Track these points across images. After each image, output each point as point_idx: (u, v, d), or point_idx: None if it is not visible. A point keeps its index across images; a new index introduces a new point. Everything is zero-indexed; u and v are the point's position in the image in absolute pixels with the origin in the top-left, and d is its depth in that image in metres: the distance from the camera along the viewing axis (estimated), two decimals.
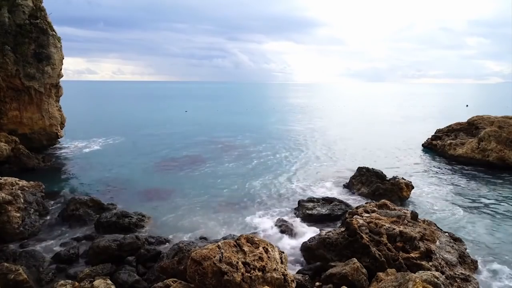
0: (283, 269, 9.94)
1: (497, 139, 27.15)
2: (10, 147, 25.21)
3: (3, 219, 14.37)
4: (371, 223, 12.99)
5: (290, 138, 40.70)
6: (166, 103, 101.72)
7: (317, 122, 57.28)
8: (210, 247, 9.71)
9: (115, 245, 13.12)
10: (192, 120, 58.23)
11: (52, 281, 11.70)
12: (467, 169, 26.53)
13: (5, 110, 27.48)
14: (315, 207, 17.60)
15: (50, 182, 21.92)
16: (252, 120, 58.82)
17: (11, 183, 16.53)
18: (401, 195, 19.70)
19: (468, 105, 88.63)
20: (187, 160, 29.52)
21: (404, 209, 15.42)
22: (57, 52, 29.08)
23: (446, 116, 61.07)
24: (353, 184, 21.79)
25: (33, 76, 27.52)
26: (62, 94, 32.19)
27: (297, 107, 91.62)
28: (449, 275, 11.13)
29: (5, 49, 26.09)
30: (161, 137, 40.54)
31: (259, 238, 10.73)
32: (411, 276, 9.03)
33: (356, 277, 10.70)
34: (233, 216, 17.70)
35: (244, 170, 26.52)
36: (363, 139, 40.10)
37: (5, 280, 10.74)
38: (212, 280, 9.05)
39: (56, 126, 30.60)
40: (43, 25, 27.99)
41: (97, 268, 12.12)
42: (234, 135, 42.27)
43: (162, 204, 19.23)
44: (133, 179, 23.69)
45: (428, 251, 11.84)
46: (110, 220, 15.84)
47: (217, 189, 21.84)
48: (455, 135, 32.53)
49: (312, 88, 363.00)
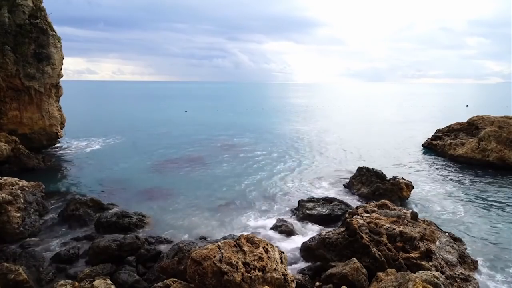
0: (283, 269, 9.94)
1: (497, 139, 27.15)
2: (10, 147, 25.21)
3: (3, 219, 14.37)
4: (371, 223, 12.99)
5: (290, 138, 40.70)
6: (166, 103, 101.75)
7: (317, 122, 57.29)
8: (210, 247, 9.71)
9: (115, 245, 13.11)
10: (192, 120, 58.24)
11: (52, 281, 11.70)
12: (467, 169, 26.53)
13: (5, 110, 27.49)
14: (315, 207, 17.60)
15: (50, 182, 21.94)
16: (252, 120, 58.83)
17: (11, 183, 16.53)
18: (401, 195, 19.70)
19: (468, 105, 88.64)
20: (187, 160, 29.52)
21: (404, 209, 15.42)
22: (57, 52, 29.09)
23: (446, 116, 61.09)
24: (353, 184, 21.79)
25: (33, 76, 27.52)
26: (62, 94, 32.20)
27: (297, 107, 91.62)
28: (449, 275, 11.13)
29: (5, 49, 26.10)
30: (161, 137, 40.55)
31: (259, 238, 10.73)
32: (411, 276, 9.03)
33: (356, 277, 10.70)
34: (233, 216, 17.70)
35: (244, 170, 26.52)
36: (363, 139, 40.11)
37: (5, 280, 10.74)
38: (212, 280, 9.05)
39: (56, 126, 30.60)
40: (43, 25, 28.00)
41: (97, 268, 12.12)
42: (234, 135, 42.28)
43: (162, 204, 19.23)
44: (133, 179, 23.69)
45: (428, 251, 11.84)
46: (110, 220, 15.84)
47: (217, 189, 21.84)
48: (455, 135, 32.54)
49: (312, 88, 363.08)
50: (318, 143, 37.87)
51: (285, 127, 51.02)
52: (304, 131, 46.88)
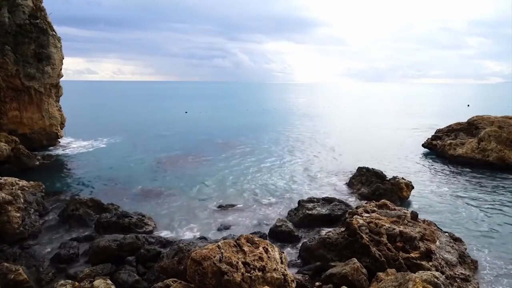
0: (283, 269, 9.93)
1: (497, 139, 27.14)
2: (10, 147, 25.21)
3: (3, 219, 14.37)
4: (371, 223, 12.99)
5: (290, 139, 40.72)
6: (166, 103, 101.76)
7: (317, 122, 57.31)
8: (210, 247, 9.70)
9: (115, 245, 13.11)
10: (192, 120, 58.26)
11: (52, 281, 11.70)
12: (467, 169, 26.52)
13: (5, 110, 27.51)
14: (315, 207, 17.59)
15: (50, 182, 21.94)
16: (252, 120, 58.84)
17: (11, 183, 16.52)
18: (401, 195, 19.70)
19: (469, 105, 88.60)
20: (187, 160, 29.52)
21: (404, 209, 15.41)
22: (57, 52, 29.11)
23: (446, 116, 61.05)
24: (353, 184, 21.78)
25: (33, 76, 27.53)
26: (62, 94, 32.22)
27: (298, 107, 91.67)
28: (449, 275, 11.12)
29: (5, 49, 26.11)
30: (161, 138, 40.55)
31: (259, 238, 10.72)
32: (411, 276, 9.02)
33: (356, 277, 10.69)
34: (233, 216, 17.71)
35: (244, 170, 26.52)
36: (363, 139, 40.11)
37: (5, 280, 10.73)
38: (212, 280, 9.05)
39: (56, 126, 30.62)
40: (43, 25, 28.02)
41: (97, 268, 12.12)
42: (234, 135, 42.28)
43: (162, 204, 19.24)
44: (133, 179, 23.69)
45: (428, 251, 11.83)
46: (110, 220, 15.83)
47: (217, 189, 21.85)
48: (455, 135, 32.53)
49: (312, 88, 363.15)
50: (318, 143, 37.87)
51: (285, 127, 51.03)
52: (304, 131, 46.89)
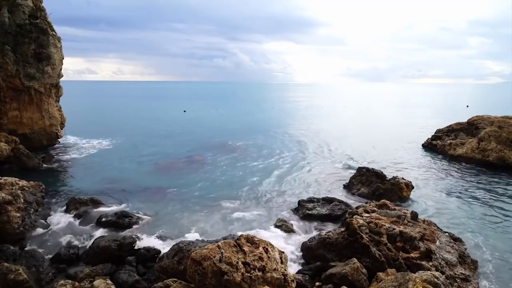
0: (283, 269, 9.93)
1: (497, 139, 27.14)
2: (10, 147, 25.20)
3: (3, 219, 14.36)
4: (371, 223, 12.99)
5: (290, 138, 40.69)
6: (166, 103, 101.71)
7: (317, 122, 57.30)
8: (210, 247, 9.70)
9: (115, 245, 13.12)
10: (192, 120, 58.23)
11: (52, 281, 11.71)
12: (467, 169, 26.52)
13: (5, 110, 27.49)
14: (315, 207, 17.60)
15: (50, 182, 21.93)
16: (252, 120, 58.82)
17: (11, 183, 16.52)
18: (401, 195, 19.71)
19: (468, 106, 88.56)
20: (186, 160, 29.51)
21: (404, 209, 15.42)
22: (57, 52, 29.08)
23: (446, 116, 61.05)
24: (353, 184, 21.78)
25: (33, 76, 27.51)
26: (62, 94, 32.20)
27: (298, 107, 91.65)
28: (449, 275, 11.12)
29: (5, 49, 26.09)
30: (161, 137, 40.52)
31: (259, 238, 10.72)
32: (411, 276, 9.02)
33: (356, 277, 10.70)
34: (233, 216, 17.69)
35: (244, 170, 26.52)
36: (363, 139, 40.09)
37: (5, 280, 10.73)
38: (212, 280, 9.05)
39: (56, 126, 30.60)
40: (43, 25, 27.99)
41: (97, 268, 12.13)
42: (234, 135, 42.26)
43: (162, 204, 19.22)
44: (133, 179, 23.68)
45: (428, 251, 11.84)
46: (110, 220, 15.85)
47: (217, 189, 21.83)
48: (455, 135, 32.54)
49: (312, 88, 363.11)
50: (318, 143, 37.85)
51: (285, 127, 51.00)
52: (304, 131, 46.85)
